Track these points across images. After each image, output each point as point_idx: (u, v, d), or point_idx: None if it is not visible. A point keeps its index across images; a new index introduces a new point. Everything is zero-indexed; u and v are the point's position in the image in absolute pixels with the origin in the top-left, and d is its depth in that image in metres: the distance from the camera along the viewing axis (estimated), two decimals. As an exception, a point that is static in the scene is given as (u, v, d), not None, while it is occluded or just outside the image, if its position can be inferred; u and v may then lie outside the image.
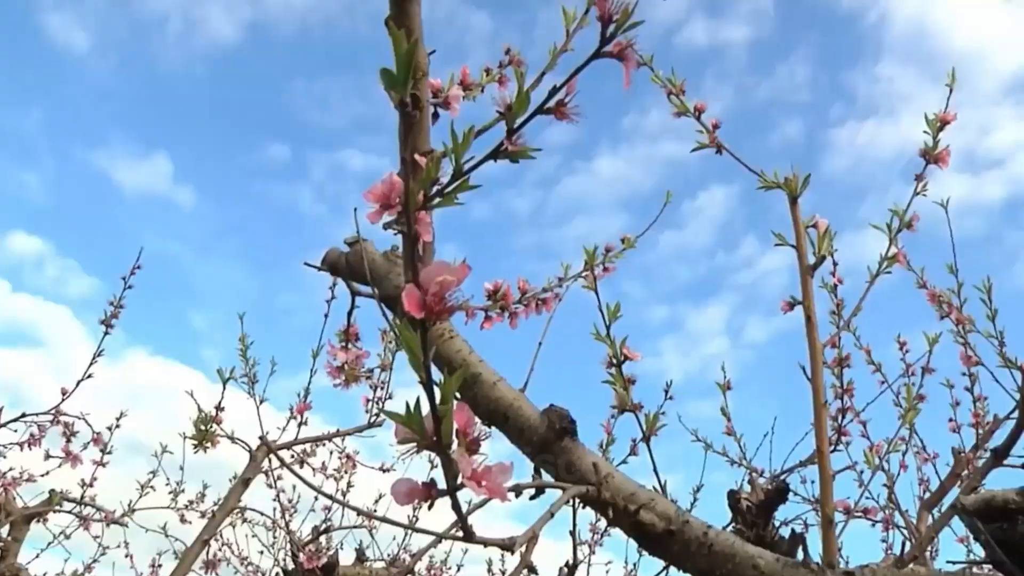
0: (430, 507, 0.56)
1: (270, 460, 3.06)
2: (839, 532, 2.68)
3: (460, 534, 0.59)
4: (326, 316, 1.94)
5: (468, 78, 1.28)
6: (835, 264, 1.92)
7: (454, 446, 0.53)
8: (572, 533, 1.30)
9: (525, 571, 0.61)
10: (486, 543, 0.60)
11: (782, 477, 2.27)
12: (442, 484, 0.55)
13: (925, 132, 1.49)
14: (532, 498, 0.91)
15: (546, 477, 0.94)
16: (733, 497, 1.22)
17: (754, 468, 2.39)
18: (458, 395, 1.02)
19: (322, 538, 3.26)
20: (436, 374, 0.55)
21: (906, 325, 2.47)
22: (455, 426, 0.53)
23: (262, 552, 3.49)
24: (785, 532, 1.15)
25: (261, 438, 2.49)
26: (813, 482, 2.39)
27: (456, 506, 0.56)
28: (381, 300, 1.10)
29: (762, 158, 1.36)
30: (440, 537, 0.64)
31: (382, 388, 2.74)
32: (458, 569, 4.27)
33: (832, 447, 2.12)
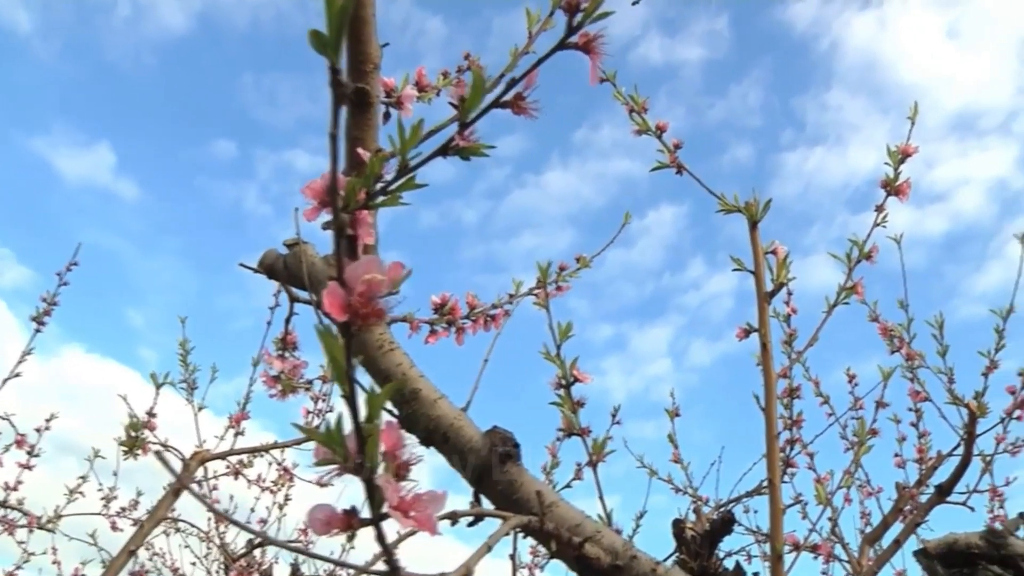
0: (350, 538, 0.49)
1: (205, 470, 2.96)
2: (788, 567, 2.65)
3: (384, 568, 0.52)
4: (268, 323, 1.86)
5: (424, 79, 1.22)
6: (790, 293, 1.90)
7: (380, 470, 0.47)
8: (512, 557, 1.24)
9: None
10: (414, 580, 0.54)
11: (728, 507, 2.24)
12: (367, 512, 0.49)
13: (887, 164, 1.48)
14: (470, 525, 0.85)
15: (487, 504, 0.88)
16: (678, 526, 1.18)
17: (699, 497, 2.35)
18: (395, 411, 0.96)
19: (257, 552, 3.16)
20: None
21: (854, 358, 2.46)
22: (382, 447, 0.47)
23: (195, 564, 3.38)
24: (729, 563, 1.12)
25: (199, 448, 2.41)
26: (757, 512, 2.36)
27: (380, 538, 0.50)
28: (318, 306, 1.03)
29: (713, 181, 1.33)
30: (362, 571, 0.58)
31: (324, 400, 2.67)
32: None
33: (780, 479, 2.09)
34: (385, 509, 0.47)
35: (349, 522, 0.48)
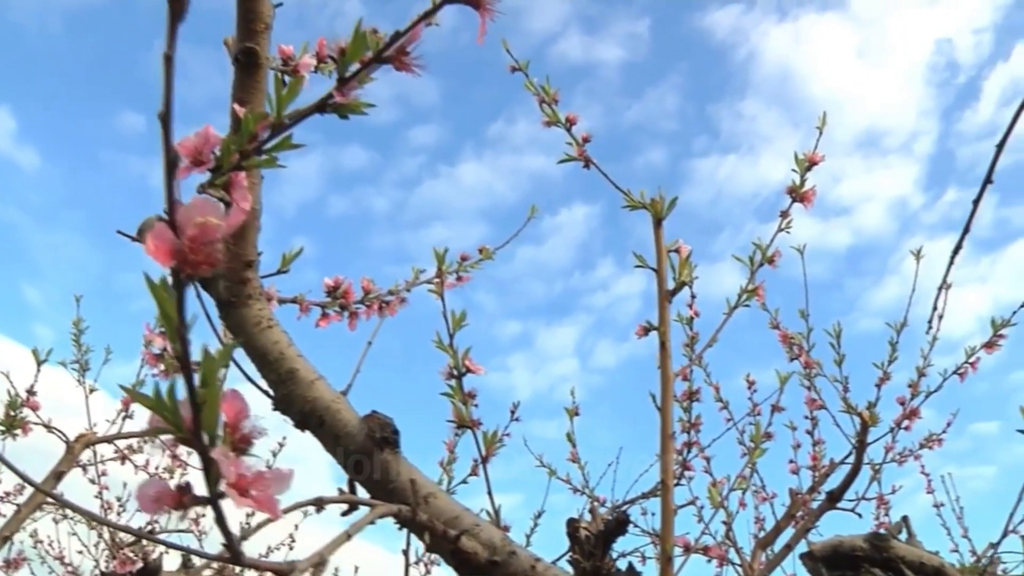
0: (182, 518, 0.45)
1: (94, 454, 2.82)
2: (678, 568, 2.67)
3: (227, 555, 0.48)
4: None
5: (325, 50, 1.17)
6: (693, 296, 1.90)
7: (218, 443, 0.42)
8: (405, 552, 1.20)
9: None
10: (259, 567, 0.50)
11: (623, 508, 2.23)
12: (203, 489, 0.44)
13: (793, 171, 1.49)
14: (344, 514, 0.81)
15: (361, 492, 0.83)
16: (572, 525, 1.16)
17: (596, 497, 2.34)
18: (271, 392, 0.91)
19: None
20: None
21: (756, 364, 2.49)
22: (222, 418, 0.43)
23: (82, 552, 3.24)
24: (623, 564, 1.10)
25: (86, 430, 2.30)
26: (654, 514, 2.37)
27: (220, 519, 0.45)
28: (199, 280, 0.97)
29: (627, 183, 1.31)
30: (211, 559, 0.53)
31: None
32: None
33: (676, 481, 2.10)
34: (222, 487, 0.43)
35: (180, 500, 0.44)
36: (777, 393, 2.03)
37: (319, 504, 0.66)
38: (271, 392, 0.88)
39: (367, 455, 0.81)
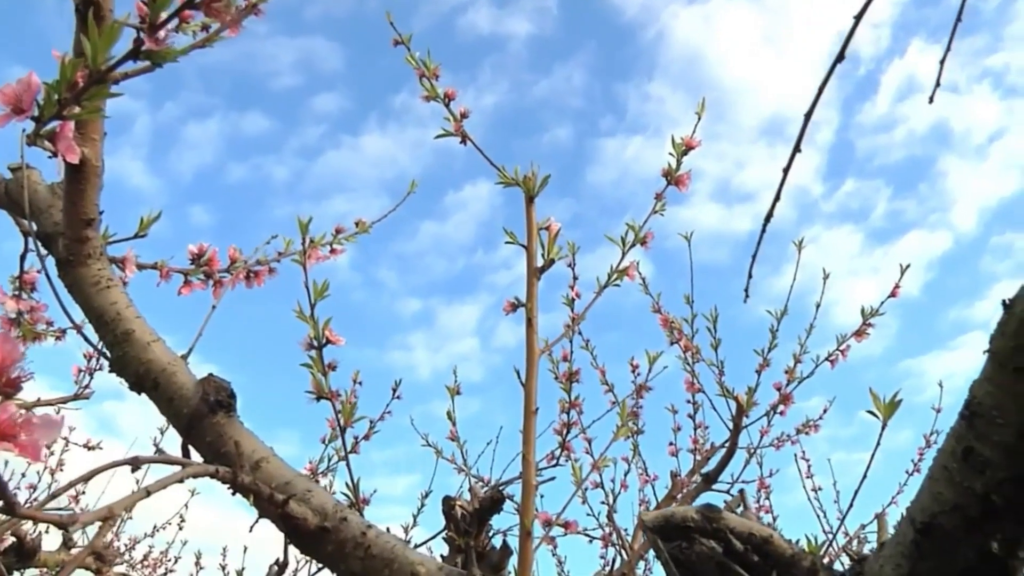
0: None
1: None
2: (557, 546, 2.70)
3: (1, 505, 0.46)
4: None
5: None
6: (575, 278, 1.92)
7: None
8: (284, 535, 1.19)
9: (91, 557, 0.50)
10: (36, 518, 0.48)
11: (503, 487, 2.24)
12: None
13: (671, 154, 1.51)
14: (181, 481, 0.79)
15: (196, 455, 0.82)
16: (448, 503, 1.17)
17: (480, 477, 2.35)
18: (107, 353, 0.88)
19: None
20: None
21: (651, 348, 2.53)
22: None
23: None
24: (498, 541, 1.11)
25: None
26: (543, 497, 2.38)
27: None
28: (39, 237, 0.94)
29: (532, 158, 1.31)
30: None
31: (97, 358, 2.48)
32: (175, 561, 4.02)
33: (555, 461, 2.11)
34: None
35: (-67, 444, 0.42)
36: (646, 374, 2.06)
37: (134, 464, 0.65)
38: (107, 354, 0.86)
39: (201, 418, 0.80)
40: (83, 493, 3.33)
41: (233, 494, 0.79)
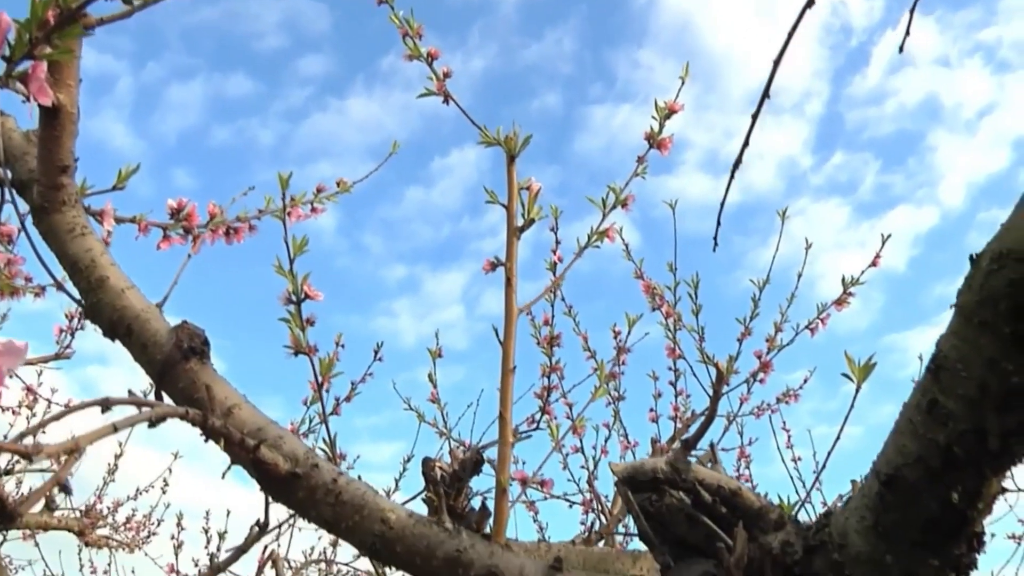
0: None
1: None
2: (538, 512, 2.72)
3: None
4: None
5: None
6: (558, 242, 1.92)
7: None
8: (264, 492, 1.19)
9: (56, 488, 0.50)
10: (0, 448, 0.49)
11: (483, 450, 2.26)
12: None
13: (653, 117, 1.51)
14: (151, 425, 0.80)
15: (168, 401, 0.82)
16: (427, 465, 1.18)
17: (462, 441, 2.37)
18: (82, 300, 0.88)
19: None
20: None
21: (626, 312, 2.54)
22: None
23: None
24: (478, 503, 1.12)
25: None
26: (526, 462, 2.40)
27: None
28: (13, 185, 0.93)
29: (521, 123, 1.31)
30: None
31: (79, 318, 2.48)
32: (158, 524, 4.05)
33: (535, 425, 2.13)
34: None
35: None
36: (626, 337, 2.08)
37: (105, 404, 0.65)
38: (82, 300, 0.86)
39: (174, 365, 0.80)
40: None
41: (206, 440, 0.80)
